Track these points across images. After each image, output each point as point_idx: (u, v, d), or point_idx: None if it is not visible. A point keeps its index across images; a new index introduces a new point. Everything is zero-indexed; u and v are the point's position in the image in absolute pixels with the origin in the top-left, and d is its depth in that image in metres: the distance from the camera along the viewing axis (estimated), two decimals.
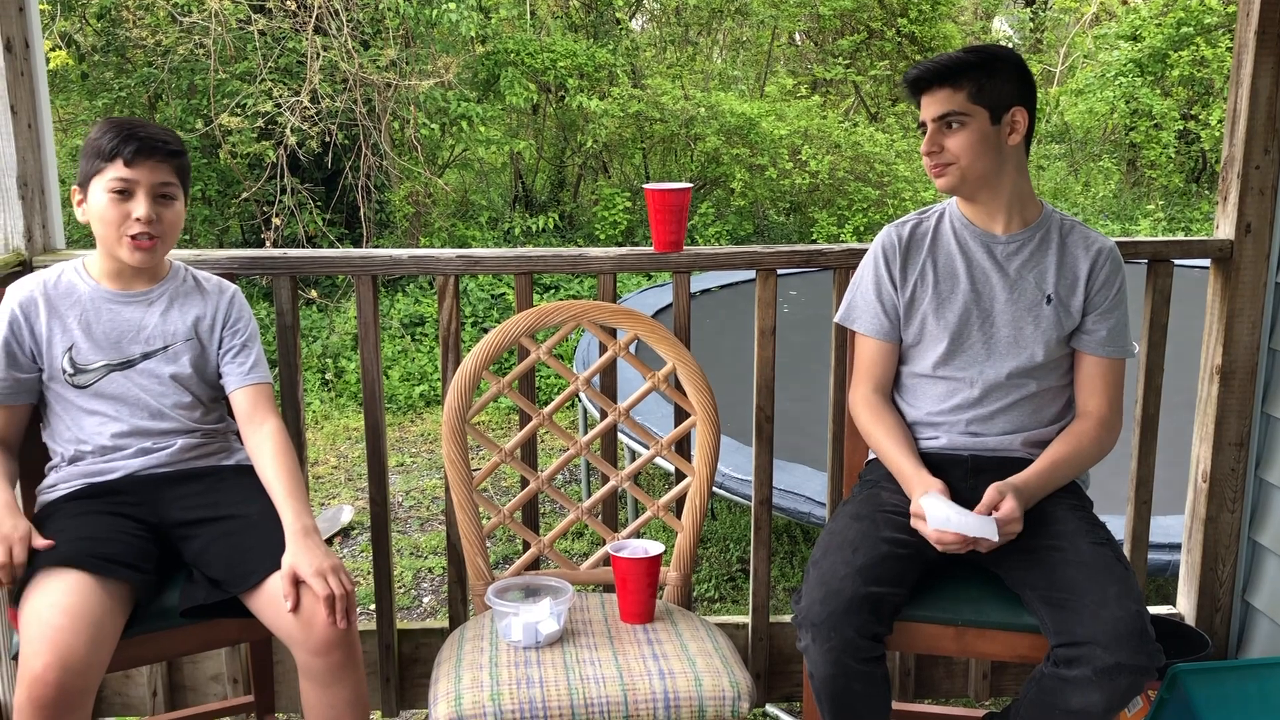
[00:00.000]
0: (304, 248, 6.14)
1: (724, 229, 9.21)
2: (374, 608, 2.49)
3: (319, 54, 6.78)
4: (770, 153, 9.11)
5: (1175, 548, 2.84)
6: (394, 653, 2.50)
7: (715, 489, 3.32)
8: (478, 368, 2.13)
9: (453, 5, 7.21)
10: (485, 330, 6.86)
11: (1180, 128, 11.04)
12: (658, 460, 2.34)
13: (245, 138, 6.80)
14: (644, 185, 2.36)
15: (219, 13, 6.66)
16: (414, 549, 4.15)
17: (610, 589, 2.12)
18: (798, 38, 12.38)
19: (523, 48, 8.67)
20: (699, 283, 6.26)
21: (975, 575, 1.99)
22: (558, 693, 1.77)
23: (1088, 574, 1.82)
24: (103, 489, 1.97)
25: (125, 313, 2.02)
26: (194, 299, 2.07)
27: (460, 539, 2.16)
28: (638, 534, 2.20)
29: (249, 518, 1.94)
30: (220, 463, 2.07)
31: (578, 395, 2.39)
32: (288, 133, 6.64)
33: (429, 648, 2.51)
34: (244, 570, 1.86)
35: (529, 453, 2.35)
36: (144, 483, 1.99)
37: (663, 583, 2.15)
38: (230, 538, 1.92)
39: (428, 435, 5.67)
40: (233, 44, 6.98)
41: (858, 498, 2.10)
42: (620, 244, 8.81)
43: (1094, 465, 2.06)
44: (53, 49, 7.13)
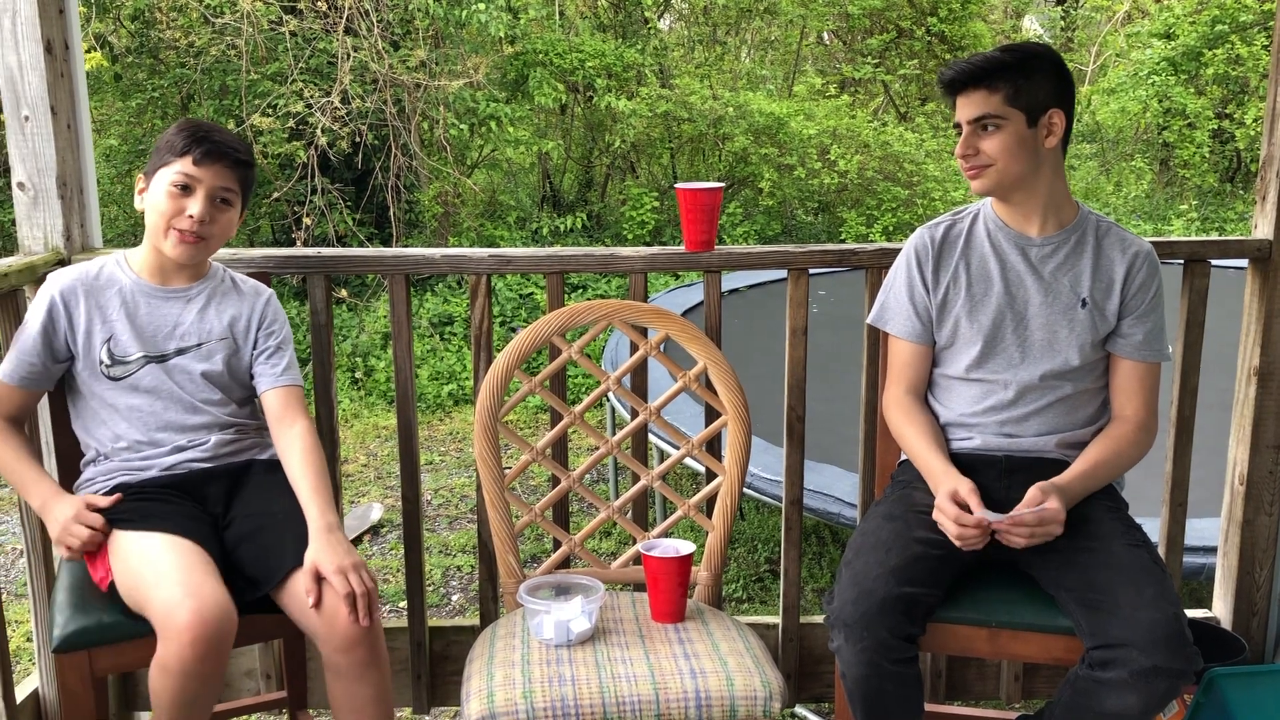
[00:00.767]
0: (334, 247, 6.17)
1: (752, 229, 9.20)
2: (404, 605, 2.50)
3: (349, 54, 6.82)
4: (799, 152, 9.08)
5: (1210, 550, 2.80)
6: (425, 650, 2.52)
7: (744, 489, 3.31)
8: (510, 366, 2.14)
9: (482, 6, 7.23)
10: (513, 330, 6.87)
11: (1214, 127, 10.91)
12: (686, 460, 2.34)
13: (276, 138, 6.85)
14: (676, 185, 2.36)
15: (251, 14, 6.72)
16: (443, 547, 4.16)
17: (640, 588, 2.12)
18: (826, 37, 12.33)
19: (551, 48, 8.69)
20: (727, 282, 6.26)
21: (1009, 576, 1.98)
22: (590, 690, 1.78)
23: (1124, 576, 1.80)
24: (143, 484, 1.99)
25: (164, 308, 2.05)
26: (231, 299, 2.09)
27: (491, 537, 2.17)
28: (667, 534, 2.20)
29: (275, 515, 1.96)
30: (255, 456, 2.09)
31: (606, 395, 2.40)
32: (318, 133, 6.69)
33: (460, 645, 2.52)
34: (271, 566, 1.88)
35: (559, 452, 2.36)
36: (181, 479, 2.01)
37: (693, 582, 2.15)
38: (259, 534, 1.94)
39: (456, 434, 5.69)
40: (264, 45, 7.04)
41: (890, 498, 2.09)
42: (648, 244, 8.80)
43: (1131, 468, 2.04)
44: (88, 50, 7.21)
